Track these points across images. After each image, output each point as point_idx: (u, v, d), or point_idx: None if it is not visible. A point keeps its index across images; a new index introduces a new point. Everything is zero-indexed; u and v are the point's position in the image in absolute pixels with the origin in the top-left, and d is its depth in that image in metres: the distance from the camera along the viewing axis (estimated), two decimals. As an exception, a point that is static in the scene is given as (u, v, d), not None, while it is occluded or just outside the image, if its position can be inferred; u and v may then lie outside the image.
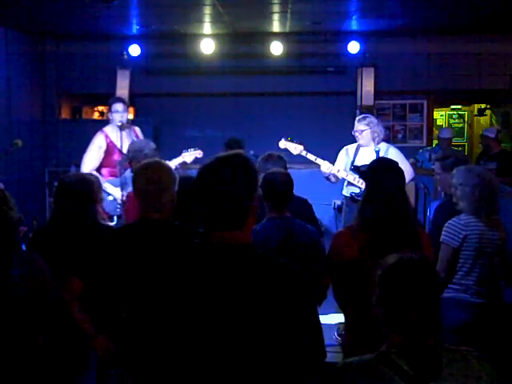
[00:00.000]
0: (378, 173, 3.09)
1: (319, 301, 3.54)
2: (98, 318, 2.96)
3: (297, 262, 1.93)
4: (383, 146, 5.56)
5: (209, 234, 1.83)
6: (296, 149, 5.51)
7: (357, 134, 5.55)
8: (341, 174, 5.47)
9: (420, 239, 3.03)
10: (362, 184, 5.35)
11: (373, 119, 5.59)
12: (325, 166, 5.43)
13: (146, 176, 2.88)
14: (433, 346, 1.95)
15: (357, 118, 5.68)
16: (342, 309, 3.18)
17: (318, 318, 1.87)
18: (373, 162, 3.31)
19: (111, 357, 2.93)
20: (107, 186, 5.26)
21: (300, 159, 5.62)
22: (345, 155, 5.66)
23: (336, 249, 3.09)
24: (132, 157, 4.58)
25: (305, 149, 5.50)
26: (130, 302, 1.93)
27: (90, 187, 3.52)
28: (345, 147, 5.74)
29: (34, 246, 3.49)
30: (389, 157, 4.92)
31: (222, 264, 1.78)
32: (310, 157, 5.45)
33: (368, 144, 5.52)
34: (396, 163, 3.16)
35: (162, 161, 3.03)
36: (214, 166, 1.84)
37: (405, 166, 4.63)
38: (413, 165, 6.93)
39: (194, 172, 4.00)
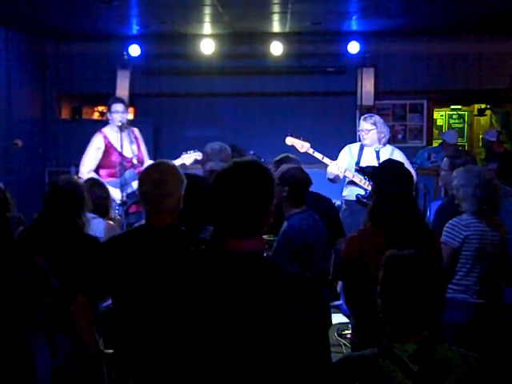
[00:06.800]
0: (388, 175, 3.06)
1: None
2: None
3: None
4: (388, 148, 5.44)
5: (220, 241, 1.79)
6: (303, 146, 5.31)
7: (362, 133, 5.38)
8: (347, 175, 5.31)
9: (433, 241, 3.02)
10: (368, 186, 5.18)
11: (379, 119, 5.43)
12: (333, 167, 5.25)
13: (152, 178, 2.68)
14: (440, 345, 1.95)
15: (362, 117, 5.53)
16: (353, 310, 3.16)
17: (327, 328, 1.86)
18: (381, 164, 3.30)
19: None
20: None
21: (300, 159, 5.56)
22: (348, 155, 5.49)
23: (348, 251, 3.08)
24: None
25: (311, 147, 5.35)
26: (136, 309, 1.89)
27: (79, 193, 3.49)
28: (347, 146, 5.58)
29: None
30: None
31: (232, 272, 1.75)
32: (317, 155, 5.26)
33: (373, 144, 5.37)
34: (403, 164, 3.15)
35: (170, 162, 2.84)
36: (232, 172, 1.80)
37: (409, 169, 4.55)
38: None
39: (196, 172, 3.94)
